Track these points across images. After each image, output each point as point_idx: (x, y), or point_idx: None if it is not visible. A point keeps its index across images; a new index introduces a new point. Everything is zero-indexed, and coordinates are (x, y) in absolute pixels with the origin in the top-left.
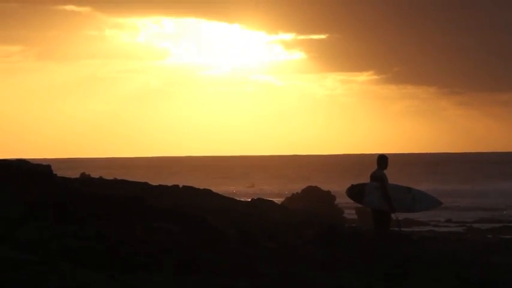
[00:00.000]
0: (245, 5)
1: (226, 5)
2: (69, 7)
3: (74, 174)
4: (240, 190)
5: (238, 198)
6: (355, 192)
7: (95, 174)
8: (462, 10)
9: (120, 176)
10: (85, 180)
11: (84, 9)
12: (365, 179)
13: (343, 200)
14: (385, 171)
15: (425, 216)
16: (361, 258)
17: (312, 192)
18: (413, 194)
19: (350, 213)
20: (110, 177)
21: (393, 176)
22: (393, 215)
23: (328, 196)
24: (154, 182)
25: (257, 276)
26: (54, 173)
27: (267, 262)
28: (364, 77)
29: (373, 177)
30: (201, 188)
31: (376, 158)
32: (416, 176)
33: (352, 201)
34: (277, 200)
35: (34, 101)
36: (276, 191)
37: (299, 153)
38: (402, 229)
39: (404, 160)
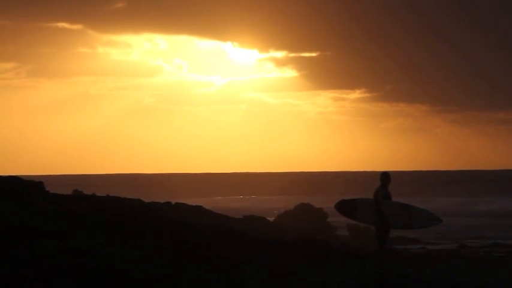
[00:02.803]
0: (237, 23)
1: (218, 23)
2: (62, 24)
3: (67, 190)
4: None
5: (231, 215)
6: (346, 207)
7: (87, 191)
8: (455, 29)
9: (112, 193)
10: (77, 197)
11: (77, 27)
12: (357, 196)
13: (335, 218)
14: (388, 188)
15: (417, 233)
16: (353, 276)
17: (304, 210)
18: (410, 211)
19: (342, 231)
20: (103, 194)
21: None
22: (392, 232)
23: (320, 213)
24: (147, 199)
25: None
26: (47, 189)
27: (259, 281)
28: (356, 94)
29: (374, 193)
30: (193, 204)
31: (379, 175)
32: (409, 194)
33: (344, 218)
34: (269, 218)
35: (26, 117)
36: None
37: (291, 171)
38: (394, 247)
39: (396, 178)
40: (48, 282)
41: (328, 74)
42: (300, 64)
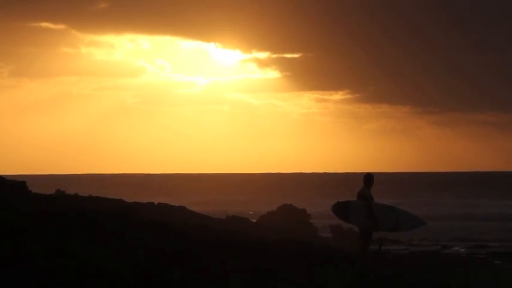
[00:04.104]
0: (220, 24)
1: (201, 24)
2: (45, 24)
3: (49, 190)
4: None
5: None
6: (341, 209)
7: (70, 191)
8: (438, 30)
9: (95, 193)
10: (60, 197)
11: (60, 27)
12: (339, 197)
13: (318, 219)
14: (371, 189)
15: (400, 235)
16: (336, 277)
17: (287, 211)
18: (397, 214)
19: (325, 232)
20: (85, 194)
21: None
22: (377, 234)
23: (303, 214)
24: (129, 199)
25: None
26: (29, 189)
27: (241, 282)
28: (339, 96)
29: (359, 195)
30: (176, 205)
31: (363, 177)
32: (391, 195)
33: (326, 220)
34: (252, 218)
35: (9, 117)
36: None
37: (274, 171)
38: (381, 248)
39: (378, 179)
40: (31, 282)
41: (311, 75)
42: (283, 65)
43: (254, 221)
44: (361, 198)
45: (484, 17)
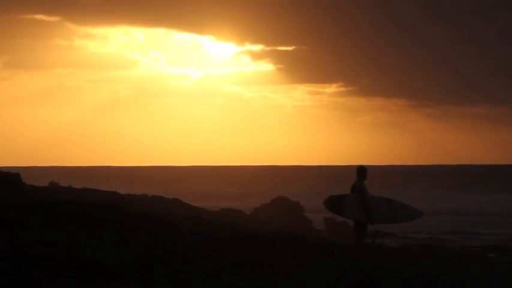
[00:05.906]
0: (214, 17)
1: (195, 16)
2: (39, 16)
3: (43, 182)
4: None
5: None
6: (334, 203)
7: (63, 183)
8: (432, 24)
9: (89, 185)
10: (54, 188)
11: (54, 19)
12: (333, 189)
13: (311, 212)
14: (365, 182)
15: (395, 227)
16: (330, 270)
17: (280, 203)
18: (393, 206)
19: (319, 225)
20: (79, 186)
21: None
22: (372, 227)
23: (296, 207)
24: (124, 191)
25: (226, 287)
26: (23, 181)
27: (234, 274)
28: (333, 88)
29: (353, 188)
30: (170, 197)
31: (356, 170)
32: (385, 188)
33: (321, 212)
34: (246, 211)
35: (2, 109)
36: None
37: (267, 164)
38: (375, 241)
39: (373, 172)
40: (25, 274)
41: (304, 67)
42: (277, 58)
43: (248, 213)
44: (356, 191)
45: (477, 12)
